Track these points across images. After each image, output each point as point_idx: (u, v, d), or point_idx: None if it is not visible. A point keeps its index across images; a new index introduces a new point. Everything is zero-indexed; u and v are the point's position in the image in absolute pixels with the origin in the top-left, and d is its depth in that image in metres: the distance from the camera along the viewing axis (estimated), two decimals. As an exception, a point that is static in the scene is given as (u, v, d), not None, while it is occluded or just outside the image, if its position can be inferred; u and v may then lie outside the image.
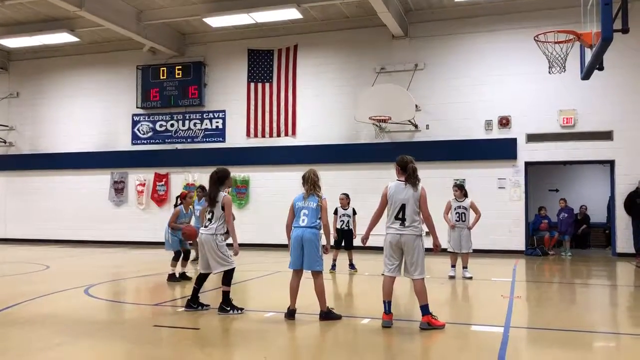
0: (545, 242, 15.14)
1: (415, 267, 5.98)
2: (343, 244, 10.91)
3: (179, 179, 17.93)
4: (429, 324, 5.86)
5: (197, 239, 6.95)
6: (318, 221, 6.40)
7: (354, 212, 11.04)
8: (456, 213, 10.04)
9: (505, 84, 15.22)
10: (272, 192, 16.56)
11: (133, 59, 18.56)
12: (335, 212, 10.91)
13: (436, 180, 13.81)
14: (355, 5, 15.49)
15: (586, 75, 8.88)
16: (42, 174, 19.47)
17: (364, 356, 5.12)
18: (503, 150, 15.05)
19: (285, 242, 6.62)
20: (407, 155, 6.22)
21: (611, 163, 14.69)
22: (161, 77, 18.28)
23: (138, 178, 18.45)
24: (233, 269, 6.79)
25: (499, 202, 14.98)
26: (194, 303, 6.89)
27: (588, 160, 15.10)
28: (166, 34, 17.54)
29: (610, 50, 7.39)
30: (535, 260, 13.64)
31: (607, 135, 14.45)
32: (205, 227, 6.80)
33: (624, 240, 14.33)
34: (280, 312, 6.56)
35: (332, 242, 8.89)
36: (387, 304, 6.03)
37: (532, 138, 14.98)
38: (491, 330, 6.00)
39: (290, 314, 6.36)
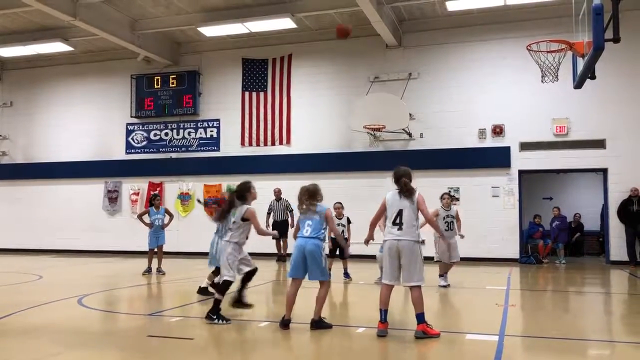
0: (539, 250, 15.17)
1: (413, 274, 5.96)
2: (337, 252, 10.90)
3: (173, 188, 17.89)
4: (424, 333, 5.84)
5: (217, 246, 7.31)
6: (323, 232, 6.32)
7: (349, 221, 11.01)
8: (445, 222, 9.99)
9: (499, 93, 15.30)
10: (267, 201, 16.50)
11: (127, 68, 18.57)
12: (331, 221, 10.88)
13: (430, 189, 13.73)
14: (349, 15, 15.56)
15: (578, 84, 8.97)
16: (35, 183, 19.38)
17: (359, 365, 5.11)
18: (497, 158, 15.11)
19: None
20: (402, 167, 6.22)
21: (604, 171, 14.76)
22: (155, 86, 18.28)
23: (132, 187, 18.39)
24: (231, 281, 6.79)
25: (493, 211, 15.03)
26: (218, 315, 6.64)
27: (581, 168, 15.17)
28: (160, 43, 17.56)
29: (602, 59, 7.46)
30: (529, 268, 13.66)
31: (600, 144, 14.55)
32: (225, 235, 7.15)
33: (617, 248, 14.41)
34: (274, 322, 6.54)
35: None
36: (383, 312, 6.01)
37: (525, 146, 15.05)
38: (486, 338, 5.98)
39: (285, 323, 6.30)
